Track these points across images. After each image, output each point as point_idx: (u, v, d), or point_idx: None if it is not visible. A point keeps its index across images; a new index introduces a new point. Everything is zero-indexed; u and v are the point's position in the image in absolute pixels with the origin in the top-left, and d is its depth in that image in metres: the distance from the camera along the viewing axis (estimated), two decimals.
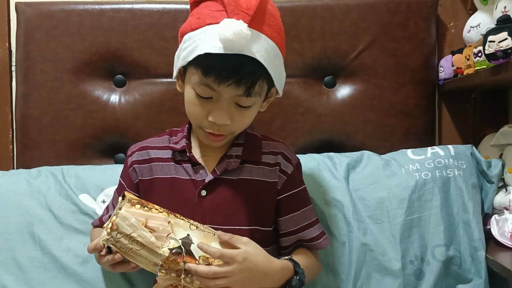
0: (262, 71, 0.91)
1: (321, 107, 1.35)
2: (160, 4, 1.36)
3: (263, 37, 0.91)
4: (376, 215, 1.16)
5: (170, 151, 1.03)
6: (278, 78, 0.97)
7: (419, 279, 1.12)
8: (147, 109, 1.35)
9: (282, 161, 1.03)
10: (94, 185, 1.21)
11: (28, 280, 1.13)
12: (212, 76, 0.89)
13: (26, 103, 1.35)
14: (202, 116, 0.95)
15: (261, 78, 0.91)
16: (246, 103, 0.94)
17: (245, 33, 0.86)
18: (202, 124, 0.96)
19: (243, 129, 1.00)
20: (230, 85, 0.89)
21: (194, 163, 1.00)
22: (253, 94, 0.92)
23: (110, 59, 1.35)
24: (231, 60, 0.88)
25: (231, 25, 0.85)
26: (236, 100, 0.93)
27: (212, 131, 0.95)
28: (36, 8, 1.35)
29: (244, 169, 1.00)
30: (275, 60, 0.94)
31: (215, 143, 0.98)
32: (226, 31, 0.85)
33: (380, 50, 1.34)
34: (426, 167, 1.20)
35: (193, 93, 0.94)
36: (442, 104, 1.42)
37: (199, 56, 0.89)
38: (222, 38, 0.86)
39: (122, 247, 0.88)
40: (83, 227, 1.17)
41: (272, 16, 0.96)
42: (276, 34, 0.94)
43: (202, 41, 0.89)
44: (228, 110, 0.93)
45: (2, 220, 1.17)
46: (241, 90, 0.90)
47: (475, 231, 1.14)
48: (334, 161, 1.24)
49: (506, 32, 1.01)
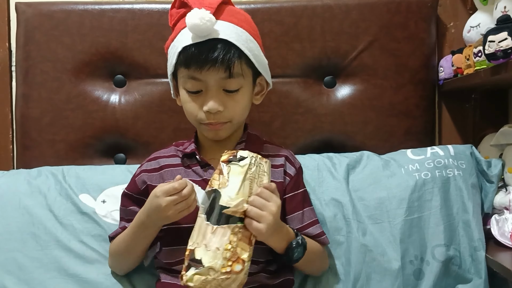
0: (236, 51, 0.99)
1: (321, 107, 1.35)
2: (160, 4, 1.36)
3: (231, 25, 1.01)
4: (376, 215, 1.16)
5: (179, 158, 1.08)
6: (259, 62, 1.04)
7: (418, 279, 1.12)
8: (147, 109, 1.35)
9: (286, 164, 1.09)
10: (94, 185, 1.21)
11: (29, 280, 1.13)
12: (193, 65, 0.98)
13: (26, 103, 1.35)
14: (197, 109, 1.03)
15: (236, 56, 0.99)
16: (232, 86, 1.01)
17: (209, 17, 0.96)
18: (200, 117, 1.03)
19: (239, 115, 1.06)
20: (209, 68, 0.98)
21: (204, 165, 1.06)
22: (235, 75, 1.00)
23: (110, 59, 1.35)
24: (204, 46, 0.97)
25: (195, 13, 0.96)
26: (223, 85, 1.01)
27: (210, 121, 1.02)
28: (36, 8, 1.36)
29: None
30: (249, 43, 1.02)
31: (218, 132, 1.05)
32: (191, 18, 0.96)
33: (380, 50, 1.34)
34: (425, 167, 1.19)
35: (185, 92, 1.03)
36: (442, 104, 1.42)
37: (179, 54, 0.99)
38: (190, 25, 0.96)
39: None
40: (83, 227, 1.17)
41: (240, 13, 1.05)
42: (246, 25, 1.04)
43: (179, 42, 1.00)
44: (218, 97, 1.01)
45: (3, 220, 1.17)
46: (222, 71, 0.98)
47: (475, 231, 1.14)
48: (333, 161, 1.24)
49: (506, 32, 1.01)
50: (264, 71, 1.07)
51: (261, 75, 1.07)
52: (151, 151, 1.34)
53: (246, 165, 0.92)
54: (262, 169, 0.94)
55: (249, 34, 1.03)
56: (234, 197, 0.90)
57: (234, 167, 0.92)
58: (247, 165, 0.92)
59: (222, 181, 0.92)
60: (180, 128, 1.33)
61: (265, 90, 1.11)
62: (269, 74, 1.09)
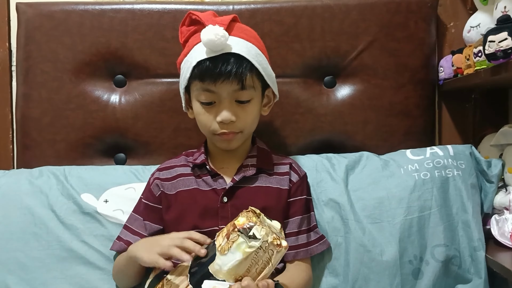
0: (248, 64, 1.04)
1: (321, 107, 1.35)
2: (160, 5, 1.36)
3: (241, 40, 1.06)
4: (375, 215, 1.16)
5: (189, 168, 1.12)
6: (268, 75, 1.10)
7: (417, 279, 1.12)
8: (147, 109, 1.36)
9: (291, 172, 1.14)
10: (96, 185, 1.22)
11: (30, 280, 1.14)
12: (207, 79, 1.03)
13: (26, 103, 1.35)
14: (211, 120, 1.07)
15: (247, 69, 1.04)
16: (244, 97, 1.06)
17: (223, 32, 1.01)
18: (213, 128, 1.07)
19: (250, 126, 1.11)
20: (224, 81, 1.03)
21: (214, 174, 1.10)
22: (247, 87, 1.05)
23: (110, 59, 1.35)
24: (218, 60, 1.02)
25: (210, 29, 1.02)
26: (235, 97, 1.05)
27: (223, 131, 1.06)
28: (37, 9, 1.36)
29: (260, 178, 1.11)
30: (258, 57, 1.07)
31: (231, 143, 1.09)
32: (206, 34, 1.01)
33: (380, 50, 1.34)
34: (425, 167, 1.20)
35: (198, 104, 1.08)
36: (442, 104, 1.42)
37: (194, 68, 1.04)
38: (205, 41, 1.01)
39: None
40: (85, 227, 1.18)
41: (248, 30, 1.11)
42: (254, 40, 1.09)
43: (193, 57, 1.05)
44: (230, 108, 1.05)
45: (4, 220, 1.18)
46: (235, 84, 1.03)
47: (475, 231, 1.14)
48: (332, 162, 1.24)
49: (506, 32, 1.01)
50: (272, 83, 1.12)
51: (269, 87, 1.12)
52: (151, 151, 1.35)
53: (253, 248, 0.87)
54: (269, 256, 0.88)
55: (258, 49, 1.08)
56: (224, 271, 0.88)
57: (242, 242, 0.87)
58: (254, 248, 0.87)
59: (224, 246, 0.88)
60: (180, 128, 1.33)
61: (272, 102, 1.16)
62: (276, 86, 1.14)
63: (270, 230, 0.90)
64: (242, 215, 0.91)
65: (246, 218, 0.89)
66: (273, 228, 0.94)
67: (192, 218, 1.07)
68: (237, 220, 0.90)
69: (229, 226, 0.91)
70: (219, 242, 0.89)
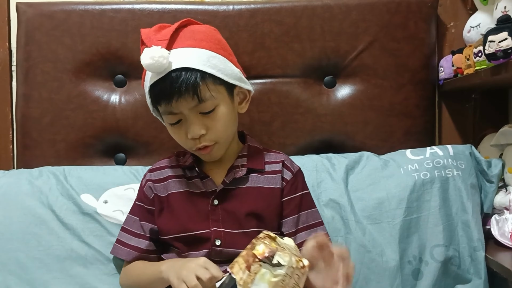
0: (198, 74, 0.98)
1: (321, 107, 1.35)
2: (160, 5, 1.36)
3: (188, 49, 1.00)
4: (375, 215, 1.16)
5: (180, 169, 1.10)
6: (228, 75, 1.03)
7: (417, 279, 1.12)
8: (147, 109, 1.33)
9: (283, 169, 1.09)
10: (96, 186, 1.22)
11: (31, 280, 1.14)
12: (162, 102, 1.00)
13: (26, 103, 1.35)
14: (184, 139, 1.03)
15: (199, 80, 0.98)
16: (206, 108, 1.01)
17: (160, 53, 0.96)
18: (188, 145, 1.04)
19: (223, 133, 1.04)
20: (178, 99, 0.98)
21: (203, 177, 1.07)
22: (204, 98, 0.99)
23: (111, 59, 1.35)
24: (167, 80, 0.98)
25: (146, 52, 0.96)
26: (198, 110, 1.00)
27: (197, 146, 1.03)
28: (37, 9, 1.36)
29: (251, 178, 1.07)
30: (211, 60, 1.01)
31: (210, 155, 1.05)
32: (144, 59, 0.96)
33: (380, 50, 1.34)
34: (425, 167, 1.20)
35: (168, 125, 1.05)
36: (442, 104, 1.42)
37: (149, 93, 1.02)
38: (145, 65, 0.97)
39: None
40: (85, 227, 1.18)
41: (199, 32, 1.04)
42: (206, 43, 1.02)
43: (146, 82, 1.02)
44: (196, 122, 1.01)
45: (4, 220, 1.18)
46: (189, 99, 0.98)
47: (474, 231, 1.14)
48: (332, 162, 1.24)
49: (506, 32, 1.01)
50: (236, 80, 1.05)
51: (236, 85, 1.06)
52: (151, 151, 1.35)
53: (279, 276, 0.81)
54: (295, 281, 0.82)
55: (210, 51, 1.01)
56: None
57: (265, 272, 0.81)
58: (281, 276, 0.81)
59: (246, 279, 0.81)
60: None
61: (249, 97, 1.10)
62: (244, 81, 1.07)
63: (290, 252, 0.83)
64: (258, 242, 0.84)
65: (264, 245, 0.82)
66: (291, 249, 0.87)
67: (183, 221, 1.05)
68: (256, 249, 0.82)
69: (246, 256, 0.83)
70: (238, 275, 0.82)
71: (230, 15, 1.34)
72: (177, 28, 1.02)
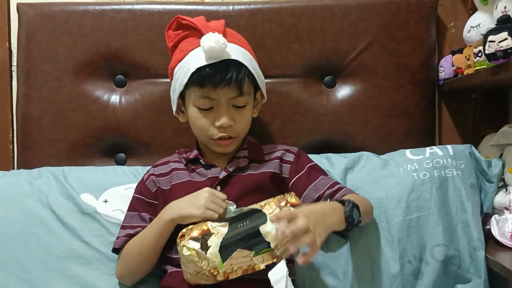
0: (245, 70, 1.07)
1: (321, 107, 1.35)
2: (160, 5, 1.36)
3: (235, 46, 1.09)
4: (375, 215, 1.15)
5: (183, 163, 1.14)
6: (260, 79, 1.13)
7: (417, 279, 1.12)
8: (148, 109, 1.36)
9: (283, 153, 1.16)
10: (96, 185, 1.22)
11: (30, 280, 1.14)
12: (208, 85, 1.05)
13: (27, 103, 1.36)
14: (208, 125, 1.08)
15: (245, 76, 1.06)
16: (241, 103, 1.09)
17: (223, 40, 1.04)
18: (211, 133, 1.09)
19: (245, 129, 1.13)
20: (224, 87, 1.05)
21: (208, 166, 1.12)
22: (244, 93, 1.07)
23: (111, 60, 1.36)
24: (218, 67, 1.05)
25: (210, 36, 1.03)
26: (232, 102, 1.08)
27: (222, 135, 1.08)
28: (38, 9, 1.36)
29: (251, 167, 1.13)
30: (252, 62, 1.11)
31: (227, 147, 1.11)
32: (207, 42, 1.03)
33: (380, 50, 1.34)
34: (424, 167, 1.20)
35: (195, 109, 1.09)
36: (442, 104, 1.42)
37: (193, 74, 1.05)
38: (206, 48, 1.03)
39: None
40: (85, 227, 1.18)
41: (238, 35, 1.15)
42: (245, 45, 1.13)
43: (191, 64, 1.06)
44: (228, 113, 1.08)
45: (4, 220, 1.18)
46: (234, 90, 1.06)
47: (474, 231, 1.14)
48: (332, 161, 1.25)
49: (506, 32, 1.01)
50: (262, 85, 1.15)
51: (259, 89, 1.15)
52: (151, 151, 1.35)
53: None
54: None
55: (249, 54, 1.12)
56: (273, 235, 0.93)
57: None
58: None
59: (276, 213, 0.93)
60: (180, 128, 1.33)
61: (260, 103, 1.18)
62: (265, 88, 1.16)
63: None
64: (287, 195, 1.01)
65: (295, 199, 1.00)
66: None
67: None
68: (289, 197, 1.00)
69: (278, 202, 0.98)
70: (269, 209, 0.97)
71: (230, 15, 1.34)
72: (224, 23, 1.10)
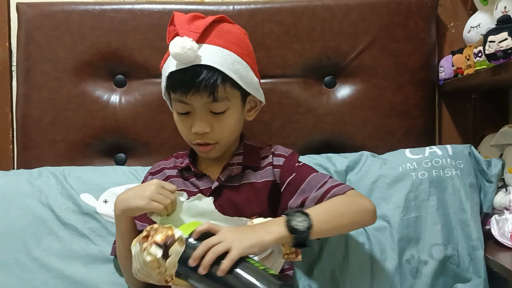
0: (220, 75, 1.00)
1: (321, 107, 1.35)
2: (160, 5, 1.36)
3: (217, 48, 1.01)
4: None
5: (177, 170, 1.12)
6: (247, 83, 1.05)
7: (416, 278, 1.12)
8: (148, 109, 1.36)
9: (274, 159, 1.11)
10: (96, 185, 1.22)
11: (31, 280, 1.14)
12: (178, 90, 1.02)
13: (26, 103, 1.35)
14: (187, 130, 1.06)
15: (219, 81, 1.00)
16: (218, 109, 1.03)
17: (190, 45, 0.97)
18: (189, 138, 1.07)
19: (227, 137, 1.07)
20: (194, 94, 1.00)
21: (199, 175, 1.10)
22: (219, 99, 1.01)
23: (111, 59, 1.36)
24: (188, 72, 0.99)
25: (177, 41, 0.98)
26: (209, 108, 1.03)
27: (198, 141, 1.05)
28: (37, 9, 1.36)
29: (245, 175, 1.09)
30: (235, 65, 1.02)
31: (207, 153, 1.07)
32: (173, 47, 0.98)
33: (380, 50, 1.34)
34: (423, 167, 1.20)
35: (176, 113, 1.07)
36: (442, 104, 1.42)
37: (167, 78, 1.03)
38: (172, 54, 0.99)
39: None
40: (84, 227, 1.18)
41: (231, 33, 1.06)
42: (235, 46, 1.04)
43: (168, 66, 1.03)
44: (204, 119, 1.03)
45: (4, 220, 1.18)
46: (205, 96, 1.00)
47: (473, 230, 1.14)
48: (332, 161, 1.25)
49: (506, 32, 1.01)
50: (253, 90, 1.07)
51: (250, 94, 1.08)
52: (151, 151, 1.35)
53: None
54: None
55: (237, 55, 1.03)
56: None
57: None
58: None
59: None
60: None
61: (259, 106, 1.13)
62: (260, 92, 1.10)
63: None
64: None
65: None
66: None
67: None
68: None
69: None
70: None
71: (230, 15, 1.32)
72: (211, 22, 1.03)
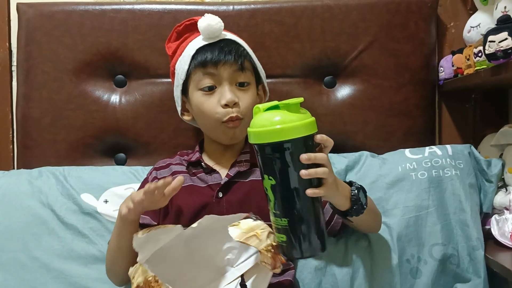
0: (244, 49, 1.11)
1: (321, 107, 1.35)
2: (160, 5, 1.36)
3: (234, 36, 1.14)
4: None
5: (184, 166, 1.13)
6: (260, 69, 1.15)
7: (416, 278, 1.12)
8: (148, 109, 1.36)
9: None
10: (96, 185, 1.22)
11: (31, 280, 1.14)
12: (209, 63, 1.07)
13: (27, 103, 1.35)
14: (215, 105, 1.08)
15: (244, 54, 1.10)
16: (243, 78, 1.10)
17: (219, 20, 1.09)
18: (220, 115, 1.08)
19: (250, 111, 1.07)
20: (224, 63, 1.07)
21: (208, 171, 1.11)
22: (245, 69, 1.10)
23: (111, 60, 1.36)
24: (216, 44, 1.09)
25: (206, 17, 1.09)
26: (236, 78, 1.09)
27: (230, 116, 1.07)
28: (37, 9, 1.36)
29: (253, 172, 1.10)
30: (250, 50, 1.14)
31: (236, 132, 1.09)
32: (204, 21, 1.08)
33: (380, 50, 1.34)
34: (423, 167, 1.20)
35: (199, 93, 1.09)
36: (442, 104, 1.42)
37: (193, 57, 1.09)
38: (203, 27, 1.08)
39: None
40: (85, 227, 1.18)
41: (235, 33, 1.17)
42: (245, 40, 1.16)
43: (190, 49, 1.10)
44: (232, 90, 1.08)
45: (4, 220, 1.18)
46: (235, 64, 1.08)
47: (473, 230, 1.14)
48: (332, 161, 1.24)
49: (506, 32, 1.01)
50: (264, 77, 1.17)
51: (260, 83, 1.16)
52: (151, 151, 1.35)
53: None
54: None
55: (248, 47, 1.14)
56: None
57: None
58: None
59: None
60: (180, 128, 1.33)
61: (264, 100, 1.17)
62: (266, 86, 1.19)
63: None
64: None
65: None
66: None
67: (188, 215, 1.06)
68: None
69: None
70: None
71: (230, 15, 1.34)
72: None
